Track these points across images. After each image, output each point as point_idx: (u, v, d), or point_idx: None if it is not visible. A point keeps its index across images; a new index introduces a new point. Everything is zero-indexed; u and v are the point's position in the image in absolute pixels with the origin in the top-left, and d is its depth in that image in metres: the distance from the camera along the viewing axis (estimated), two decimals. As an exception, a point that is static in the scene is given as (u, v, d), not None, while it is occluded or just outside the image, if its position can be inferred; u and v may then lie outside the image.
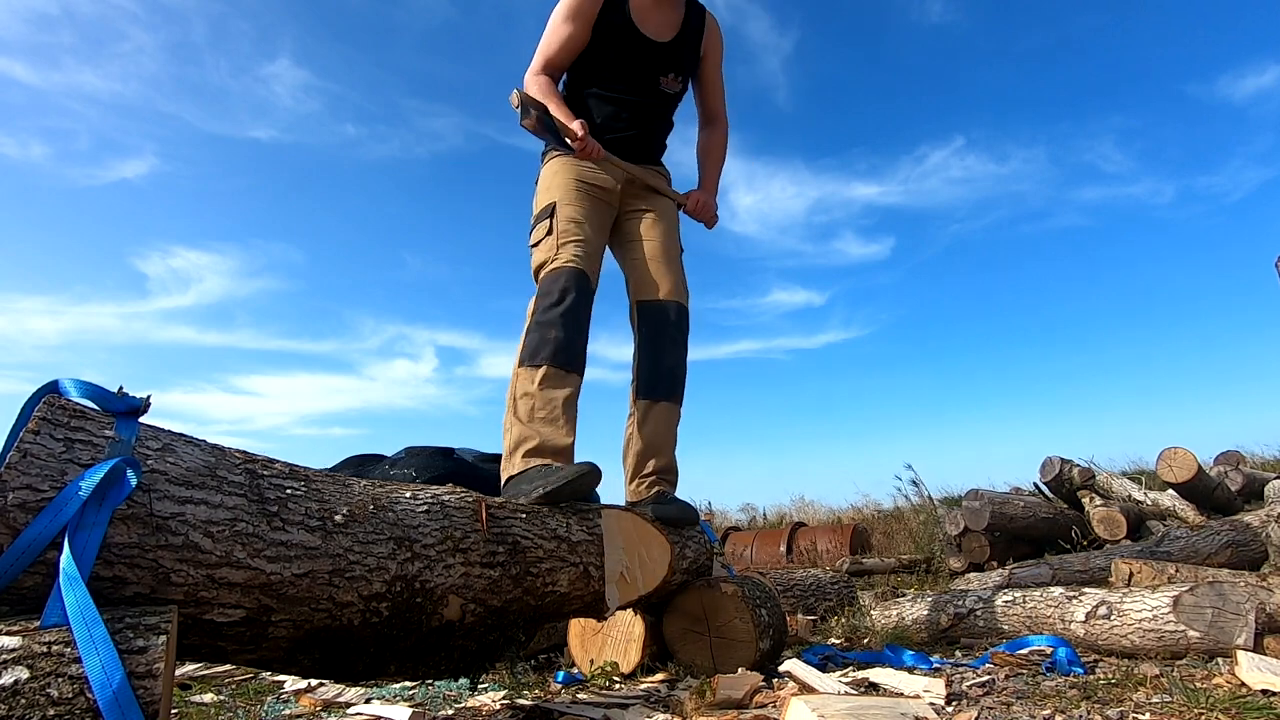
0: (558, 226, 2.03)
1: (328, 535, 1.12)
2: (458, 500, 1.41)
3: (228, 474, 1.04)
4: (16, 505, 0.84)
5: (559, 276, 1.95)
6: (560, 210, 2.07)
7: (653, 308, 2.14)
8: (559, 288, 1.93)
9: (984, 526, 4.86)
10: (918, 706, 1.25)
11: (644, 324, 2.15)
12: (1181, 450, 4.75)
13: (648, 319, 2.14)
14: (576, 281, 1.95)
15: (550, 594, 1.52)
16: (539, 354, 1.88)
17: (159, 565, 0.93)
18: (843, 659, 1.97)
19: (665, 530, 1.82)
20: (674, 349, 2.14)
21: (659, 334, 2.13)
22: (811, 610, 3.14)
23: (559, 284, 1.94)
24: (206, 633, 1.00)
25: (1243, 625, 1.79)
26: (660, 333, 2.13)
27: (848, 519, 7.53)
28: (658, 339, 2.13)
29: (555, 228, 2.03)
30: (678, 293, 2.17)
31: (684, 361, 2.17)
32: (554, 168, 2.16)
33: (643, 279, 2.16)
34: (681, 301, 2.17)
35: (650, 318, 2.14)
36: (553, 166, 2.17)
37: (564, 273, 1.96)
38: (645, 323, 2.15)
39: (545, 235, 2.04)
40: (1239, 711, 1.23)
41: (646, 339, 2.14)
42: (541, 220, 2.08)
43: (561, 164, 2.15)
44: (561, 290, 1.93)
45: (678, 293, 2.17)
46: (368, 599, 1.16)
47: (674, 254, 2.22)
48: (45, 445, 0.88)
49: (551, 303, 1.92)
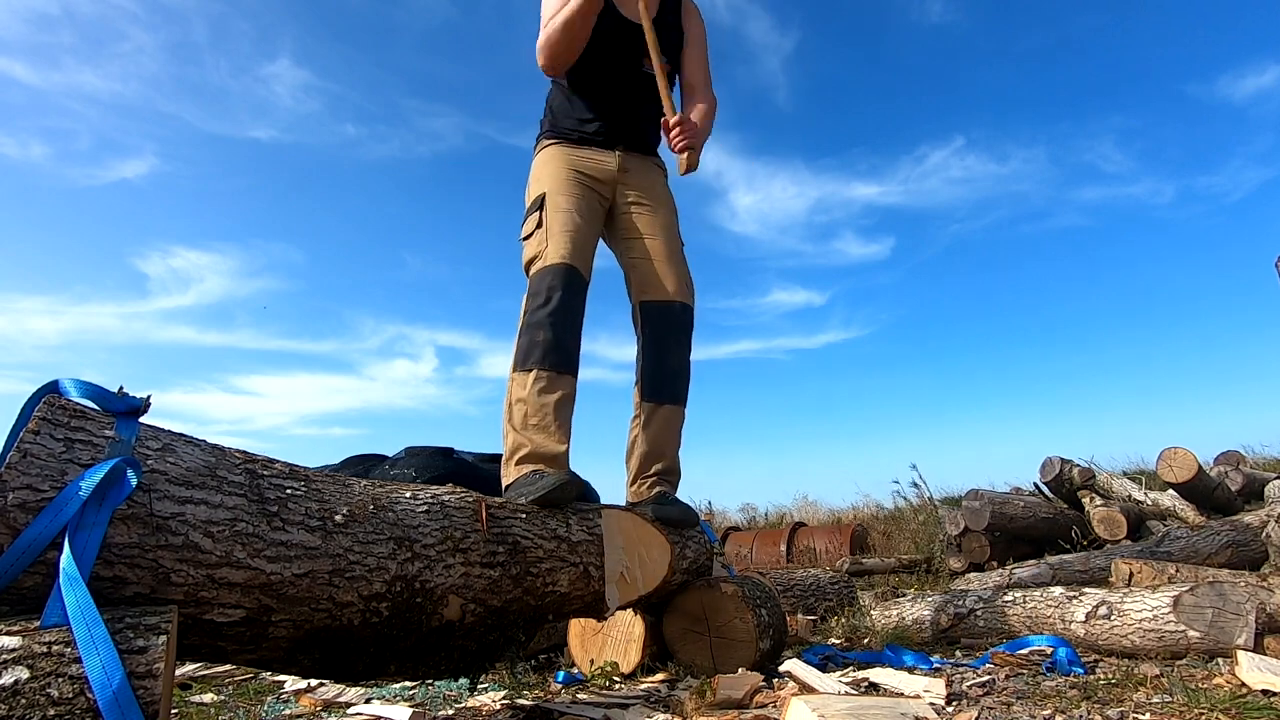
0: (548, 219, 1.99)
1: (328, 535, 1.12)
2: (458, 500, 1.41)
3: (228, 474, 1.05)
4: (17, 505, 0.84)
5: (548, 274, 1.92)
6: (550, 200, 2.02)
7: (657, 308, 2.10)
8: (547, 286, 1.90)
9: (984, 526, 4.86)
10: (918, 706, 1.25)
11: (648, 325, 2.11)
12: (1181, 450, 4.75)
13: (652, 319, 2.11)
14: (566, 278, 1.92)
15: (550, 594, 1.52)
16: (530, 357, 1.87)
17: (159, 565, 0.93)
18: (843, 659, 1.97)
19: (665, 530, 1.82)
20: (679, 350, 2.11)
21: (664, 335, 2.10)
22: (811, 610, 3.14)
23: (547, 282, 1.91)
24: (207, 633, 1.00)
25: (1243, 625, 1.79)
26: (665, 334, 2.10)
27: (848, 519, 7.52)
28: (663, 340, 2.10)
29: (545, 220, 1.99)
30: (682, 292, 2.13)
31: (688, 363, 2.14)
32: (546, 156, 2.12)
33: (646, 278, 2.12)
34: (687, 301, 2.13)
35: (655, 318, 2.10)
36: (545, 155, 2.13)
37: (553, 270, 1.92)
38: (650, 323, 2.11)
39: (535, 228, 2.00)
40: (1239, 712, 1.23)
41: (651, 340, 2.10)
42: (532, 212, 2.04)
43: (554, 152, 2.11)
44: (550, 289, 1.90)
45: (682, 292, 2.13)
46: (368, 599, 1.16)
47: (676, 250, 2.17)
48: (45, 445, 0.88)
49: (540, 303, 1.89)
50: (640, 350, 2.13)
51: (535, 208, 2.04)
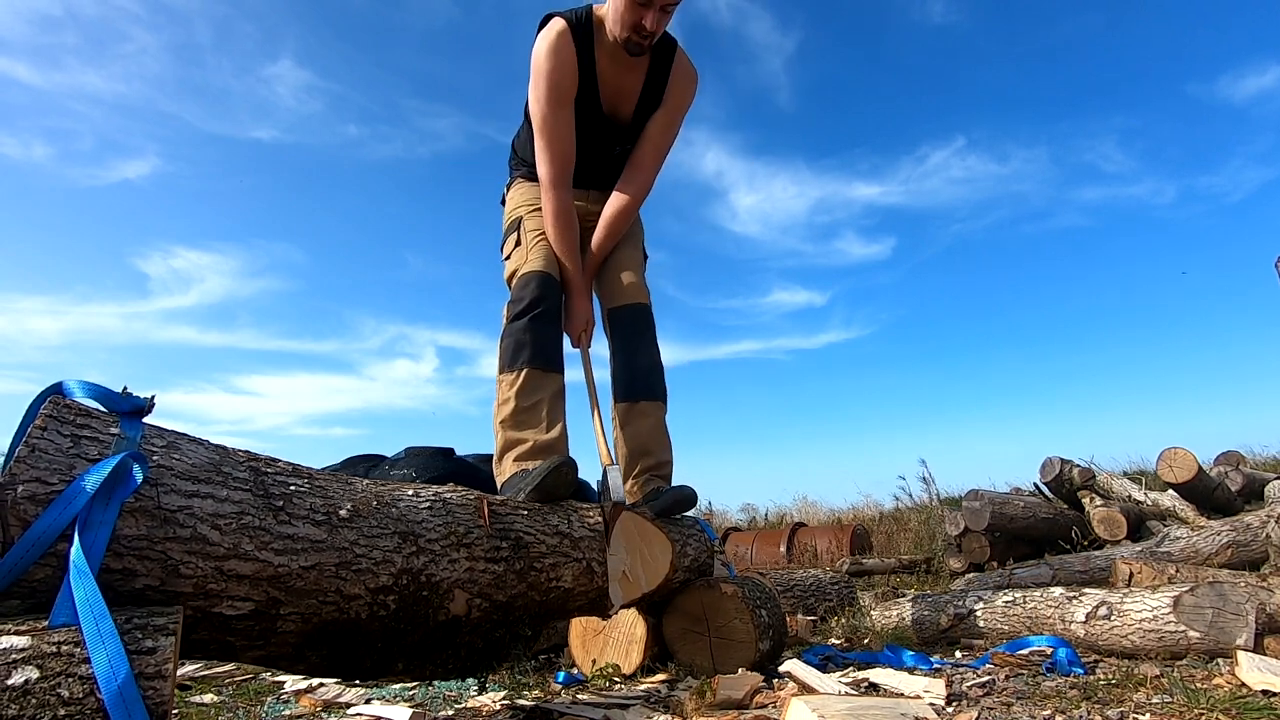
0: (524, 237, 2.14)
1: (333, 529, 1.13)
2: (460, 498, 1.42)
3: (233, 470, 1.05)
4: (27, 497, 0.84)
5: (528, 281, 2.03)
6: (525, 222, 2.17)
7: (620, 312, 2.21)
8: (529, 291, 2.01)
9: (984, 527, 4.87)
10: (918, 707, 1.26)
11: (616, 329, 2.21)
12: (1181, 450, 4.75)
13: (619, 324, 2.21)
14: (544, 283, 2.03)
15: (555, 589, 1.53)
16: (517, 358, 1.94)
17: (168, 557, 0.93)
18: (843, 659, 1.97)
19: (666, 529, 1.83)
20: (646, 347, 2.19)
21: (629, 336, 2.19)
22: (811, 610, 3.14)
23: (529, 288, 2.01)
24: (216, 626, 1.01)
25: (1243, 625, 1.80)
26: (630, 335, 2.19)
27: (848, 519, 7.53)
28: (628, 341, 2.19)
29: (522, 238, 2.14)
30: (642, 295, 2.23)
31: (657, 358, 2.21)
32: (522, 189, 2.27)
33: (611, 289, 2.24)
34: (643, 301, 2.23)
35: (619, 323, 2.21)
36: (521, 188, 2.28)
37: (532, 276, 2.04)
38: (616, 328, 2.21)
39: (515, 247, 2.15)
40: (1239, 712, 1.23)
41: (619, 344, 2.20)
42: (510, 234, 2.20)
43: (528, 187, 2.25)
44: (531, 293, 2.00)
45: (642, 295, 2.23)
46: (375, 592, 1.17)
47: (638, 262, 2.29)
48: (53, 441, 0.89)
49: (523, 308, 1.99)
50: (611, 356, 2.23)
51: (513, 229, 2.20)
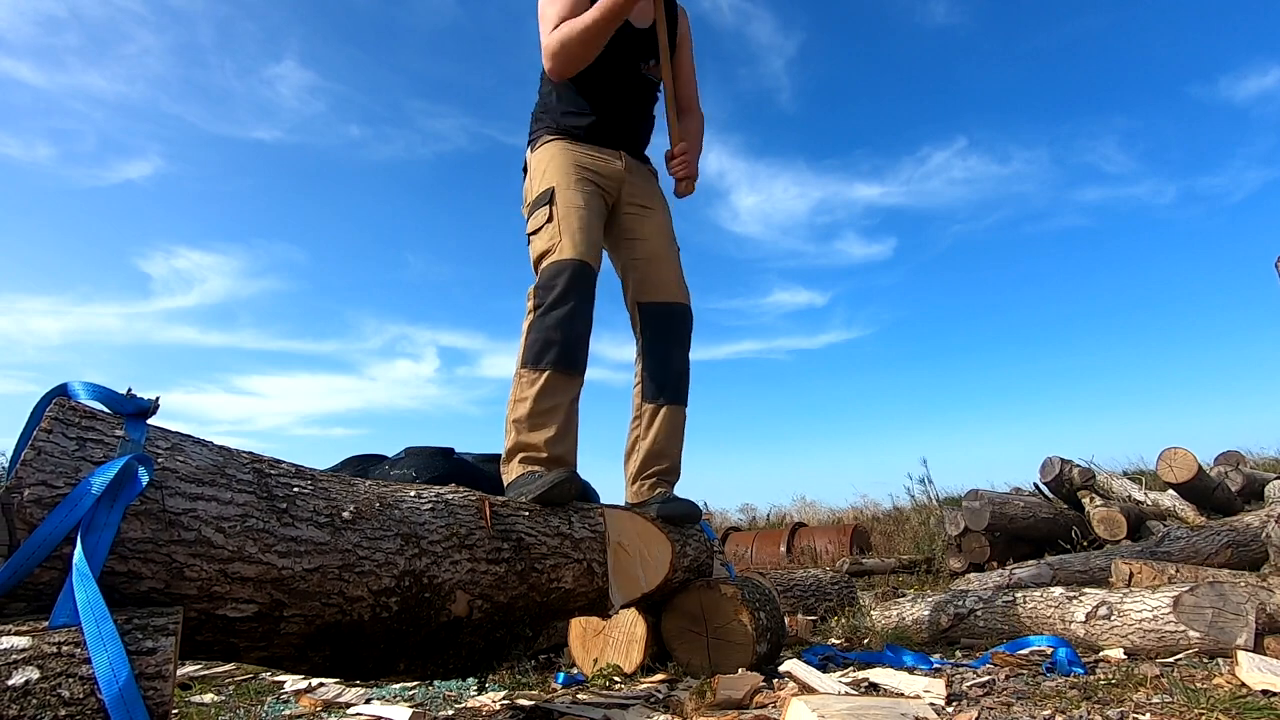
0: (558, 213, 1.94)
1: (336, 531, 1.13)
2: (461, 499, 1.43)
3: (236, 472, 1.06)
4: (32, 500, 0.85)
5: (562, 270, 1.87)
6: (560, 195, 1.97)
7: (658, 309, 2.12)
8: (563, 283, 1.85)
9: (984, 527, 4.87)
10: (918, 707, 1.26)
11: (648, 326, 2.12)
12: (1181, 450, 4.76)
13: (653, 321, 2.11)
14: (581, 275, 1.88)
15: (556, 590, 1.53)
16: (543, 357, 1.83)
17: (172, 560, 0.94)
18: (843, 659, 1.97)
19: (666, 529, 1.83)
20: (680, 351, 2.13)
21: (665, 336, 2.11)
22: (811, 610, 3.14)
23: (563, 279, 1.86)
24: (220, 628, 1.01)
25: (1243, 625, 1.80)
26: (666, 335, 2.11)
27: (848, 519, 7.53)
28: (664, 341, 2.10)
29: (555, 214, 1.94)
30: (682, 294, 2.15)
31: (688, 363, 2.16)
32: (549, 151, 2.07)
33: (645, 280, 2.13)
34: (685, 303, 2.16)
35: (656, 319, 2.11)
36: (548, 150, 2.08)
37: (568, 266, 1.87)
38: (650, 324, 2.11)
39: (545, 222, 1.95)
40: (1239, 712, 1.23)
41: (652, 341, 2.11)
42: (540, 206, 1.98)
43: (558, 148, 2.07)
44: (565, 286, 1.85)
45: (682, 294, 2.15)
46: (377, 593, 1.17)
47: (674, 254, 2.19)
48: (59, 443, 0.89)
49: (555, 300, 1.85)
50: (641, 352, 2.13)
51: (544, 201, 1.98)
